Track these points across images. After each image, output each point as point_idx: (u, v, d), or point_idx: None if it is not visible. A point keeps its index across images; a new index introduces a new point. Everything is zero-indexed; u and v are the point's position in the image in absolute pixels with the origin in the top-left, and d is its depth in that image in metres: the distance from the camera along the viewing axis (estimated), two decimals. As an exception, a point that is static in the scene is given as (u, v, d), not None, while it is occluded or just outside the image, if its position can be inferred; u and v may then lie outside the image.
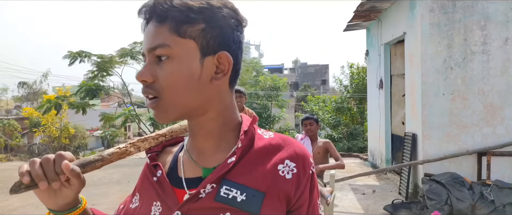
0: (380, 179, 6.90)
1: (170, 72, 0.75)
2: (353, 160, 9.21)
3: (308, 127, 4.36)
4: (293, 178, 0.79)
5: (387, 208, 4.95)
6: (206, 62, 0.77)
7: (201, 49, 0.76)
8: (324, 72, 50.71)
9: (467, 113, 5.13)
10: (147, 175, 0.87)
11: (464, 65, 5.12)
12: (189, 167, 0.84)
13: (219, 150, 0.83)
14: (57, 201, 0.79)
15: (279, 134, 0.87)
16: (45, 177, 0.73)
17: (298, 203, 0.79)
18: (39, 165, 0.74)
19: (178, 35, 0.75)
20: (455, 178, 4.62)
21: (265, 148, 0.82)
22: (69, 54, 14.59)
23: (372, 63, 8.21)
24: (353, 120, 13.97)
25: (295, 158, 0.81)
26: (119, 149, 0.85)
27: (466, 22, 5.10)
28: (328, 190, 3.85)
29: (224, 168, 0.78)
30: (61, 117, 16.44)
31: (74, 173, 0.75)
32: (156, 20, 0.76)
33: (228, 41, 0.78)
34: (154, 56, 0.77)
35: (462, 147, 5.10)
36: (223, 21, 0.77)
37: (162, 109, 0.78)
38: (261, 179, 0.77)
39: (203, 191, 0.77)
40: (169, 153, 0.91)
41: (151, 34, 0.77)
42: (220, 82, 0.79)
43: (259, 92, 16.37)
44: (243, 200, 0.75)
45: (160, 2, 0.76)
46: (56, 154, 0.75)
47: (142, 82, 0.78)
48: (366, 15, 7.26)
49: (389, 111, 7.32)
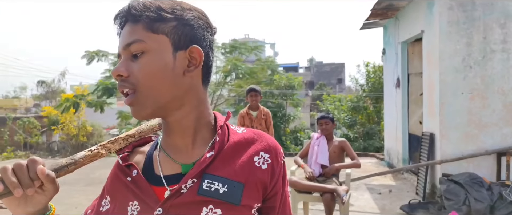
0: (396, 179, 6.83)
1: (145, 64, 0.79)
2: (369, 159, 9.14)
3: (324, 126, 4.35)
4: (268, 168, 0.85)
5: (403, 208, 4.91)
6: (179, 55, 0.81)
7: (173, 43, 0.81)
8: (340, 71, 50.35)
9: (486, 113, 5.04)
10: (118, 176, 0.87)
11: (483, 64, 5.04)
12: (166, 165, 0.85)
13: (195, 146, 0.86)
14: (27, 209, 0.77)
15: (250, 129, 0.92)
16: (19, 184, 0.71)
17: (273, 191, 0.86)
18: (12, 171, 0.71)
19: (151, 31, 0.79)
20: (474, 179, 4.55)
21: (240, 142, 0.87)
22: (87, 53, 14.83)
23: (389, 62, 8.13)
24: (369, 120, 13.84)
25: (268, 150, 0.87)
26: (91, 151, 0.84)
27: (486, 20, 5.01)
28: (344, 189, 3.84)
29: (204, 162, 0.81)
30: (79, 116, 16.69)
31: (50, 178, 0.74)
32: (130, 21, 0.81)
33: (199, 38, 0.83)
34: (129, 53, 0.81)
35: (481, 147, 5.02)
36: (194, 21, 0.83)
37: (140, 103, 0.80)
38: (240, 171, 0.82)
39: (184, 186, 0.79)
40: (140, 153, 0.91)
41: (126, 33, 0.81)
42: (193, 74, 0.83)
43: (274, 91, 16.35)
44: (225, 192, 0.79)
45: (134, 5, 0.81)
46: (29, 159, 0.73)
47: (118, 77, 0.81)
48: (383, 13, 7.19)
49: (406, 110, 7.24)
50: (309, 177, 4.08)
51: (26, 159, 0.74)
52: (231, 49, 16.37)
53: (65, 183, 5.95)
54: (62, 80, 38.65)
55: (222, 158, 0.83)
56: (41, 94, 41.15)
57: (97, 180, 7.10)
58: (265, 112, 5.25)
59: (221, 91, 17.19)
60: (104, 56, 14.83)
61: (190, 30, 0.82)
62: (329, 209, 3.84)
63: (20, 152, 16.55)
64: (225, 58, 16.54)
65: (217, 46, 16.15)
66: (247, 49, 16.48)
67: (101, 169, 7.50)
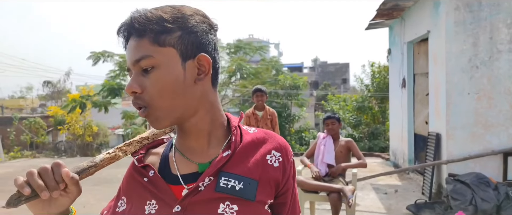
0: (402, 179, 6.84)
1: (156, 79, 0.80)
2: (374, 159, 9.14)
3: (330, 126, 4.36)
4: (280, 166, 0.88)
5: (410, 208, 4.91)
6: (188, 65, 0.82)
7: (181, 54, 0.82)
8: (344, 71, 50.26)
9: (493, 113, 5.04)
10: (134, 177, 0.90)
11: (490, 64, 5.03)
12: (182, 165, 0.88)
13: (210, 146, 0.89)
14: (51, 211, 0.79)
15: (261, 129, 0.96)
16: (46, 187, 0.73)
17: (284, 188, 0.89)
18: (38, 175, 0.74)
19: (158, 45, 0.80)
20: (480, 179, 4.55)
21: (252, 141, 0.90)
22: (93, 54, 14.92)
23: (394, 62, 8.13)
24: (374, 120, 13.83)
25: (279, 149, 0.90)
26: (109, 154, 0.87)
27: (492, 20, 5.01)
28: (350, 189, 3.85)
29: (221, 161, 0.84)
30: (84, 116, 16.79)
31: (74, 180, 0.77)
32: (135, 35, 0.82)
33: (204, 44, 0.84)
34: (139, 68, 0.82)
35: (488, 147, 5.02)
36: (197, 27, 0.83)
37: (154, 117, 0.82)
38: (254, 169, 0.85)
39: (202, 184, 0.82)
40: (154, 154, 0.94)
41: (133, 49, 0.82)
42: (204, 82, 0.85)
43: (279, 91, 16.36)
44: (241, 188, 0.82)
45: (136, 18, 0.81)
46: (53, 163, 0.76)
47: (132, 93, 0.82)
48: (389, 14, 7.19)
49: (412, 110, 7.24)
50: (316, 177, 4.09)
51: (51, 163, 0.76)
52: (236, 49, 16.41)
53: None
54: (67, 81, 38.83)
55: (236, 157, 0.86)
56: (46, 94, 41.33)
57: (103, 180, 7.14)
58: (271, 112, 5.28)
59: (225, 91, 17.23)
60: (109, 56, 14.92)
61: (195, 37, 0.83)
62: (335, 208, 3.86)
63: (26, 152, 16.66)
64: (230, 58, 16.58)
65: (222, 47, 16.21)
66: (252, 49, 16.51)
67: (107, 169, 7.52)
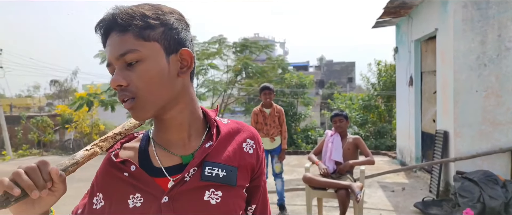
0: (409, 177, 6.84)
1: (143, 72, 0.83)
2: (381, 158, 9.13)
3: (338, 124, 4.38)
4: (254, 153, 0.97)
5: (417, 206, 4.92)
6: (171, 59, 0.87)
7: (165, 49, 0.86)
8: (350, 70, 50.17)
9: (501, 111, 5.03)
10: (111, 173, 0.90)
11: (498, 62, 5.03)
12: (164, 158, 0.91)
13: (191, 138, 0.93)
14: (35, 212, 0.78)
15: (232, 120, 1.02)
16: (35, 186, 0.73)
17: (258, 172, 0.99)
18: (25, 174, 0.73)
19: (143, 39, 0.83)
20: (488, 176, 4.55)
21: (229, 132, 0.97)
22: (100, 53, 14.99)
23: (401, 60, 8.12)
24: (380, 118, 13.80)
25: (252, 137, 0.99)
26: (87, 150, 0.88)
27: (500, 18, 5.00)
28: (358, 185, 3.87)
29: (204, 152, 0.90)
30: (92, 114, 16.90)
31: (62, 178, 0.77)
32: (118, 30, 0.84)
33: (184, 39, 0.89)
34: (123, 62, 0.84)
35: (496, 145, 5.01)
36: (177, 24, 0.88)
37: (140, 107, 0.85)
38: (233, 157, 0.93)
39: (187, 175, 0.87)
40: (129, 149, 0.95)
41: (117, 43, 0.83)
42: (185, 75, 0.89)
43: (285, 90, 16.36)
44: (224, 176, 0.89)
45: (118, 14, 0.84)
46: (39, 161, 0.76)
47: (117, 87, 0.84)
48: (396, 12, 7.18)
49: (419, 108, 7.23)
50: (324, 174, 4.12)
51: (37, 162, 0.76)
52: (242, 48, 16.40)
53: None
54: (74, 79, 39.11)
55: (217, 147, 0.92)
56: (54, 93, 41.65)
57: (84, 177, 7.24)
58: (278, 110, 5.31)
59: (231, 90, 17.25)
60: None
61: (176, 33, 0.87)
62: (343, 205, 3.88)
63: (34, 150, 16.81)
64: (235, 57, 16.59)
65: (228, 45, 16.23)
66: (258, 48, 16.50)
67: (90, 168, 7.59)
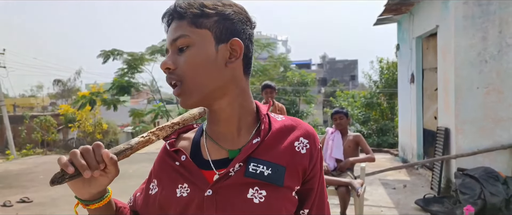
0: (411, 174, 6.83)
1: (189, 57, 0.86)
2: (383, 155, 9.13)
3: (338, 121, 4.39)
4: (307, 153, 0.91)
5: (418, 203, 4.92)
6: (221, 48, 0.87)
7: (216, 37, 0.87)
8: (352, 68, 50.08)
9: (502, 107, 5.01)
10: (166, 161, 0.94)
11: (499, 58, 5.01)
12: (213, 150, 0.92)
13: (240, 133, 0.92)
14: (91, 190, 0.85)
15: (289, 116, 0.99)
16: (88, 167, 0.78)
17: (311, 174, 0.92)
18: (80, 155, 0.79)
19: (195, 26, 0.86)
20: (489, 173, 4.54)
21: (281, 129, 0.93)
22: (103, 53, 15.05)
23: (403, 58, 8.10)
24: (383, 116, 13.77)
25: (307, 136, 0.93)
26: (143, 138, 0.92)
27: (501, 14, 4.98)
28: (358, 182, 3.88)
29: (251, 148, 0.88)
30: (94, 113, 16.96)
31: (113, 161, 0.82)
32: (177, 18, 0.88)
33: (239, 31, 0.89)
34: (175, 48, 0.87)
35: (497, 141, 5.00)
36: (234, 15, 0.89)
37: (187, 92, 0.87)
38: (282, 155, 0.89)
39: (232, 169, 0.86)
40: (185, 139, 0.98)
41: (173, 30, 0.88)
42: (234, 65, 0.89)
43: (287, 88, 16.37)
44: (269, 174, 0.86)
45: (179, 4, 0.88)
46: (94, 144, 0.81)
47: (166, 70, 0.88)
48: (397, 9, 7.16)
49: (421, 105, 7.22)
50: (324, 171, 4.12)
51: (93, 144, 0.81)
52: (244, 46, 16.42)
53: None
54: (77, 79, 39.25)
55: (265, 144, 0.89)
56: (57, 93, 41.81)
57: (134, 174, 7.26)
58: (279, 107, 5.33)
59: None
60: (119, 55, 15.03)
61: (230, 24, 0.88)
62: (344, 202, 3.89)
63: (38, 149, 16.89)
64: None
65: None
66: (260, 46, 16.54)
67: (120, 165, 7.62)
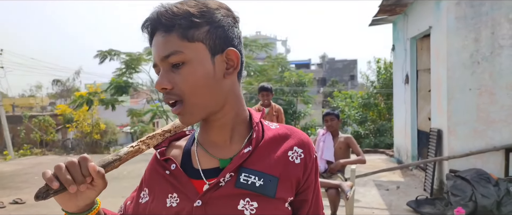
0: (405, 176, 6.83)
1: (187, 75, 0.80)
2: (379, 156, 9.13)
3: (329, 123, 4.38)
4: (301, 163, 0.87)
5: (410, 204, 4.91)
6: (217, 60, 0.83)
7: (210, 49, 0.82)
8: (352, 68, 50.03)
9: (494, 109, 5.01)
10: (156, 169, 0.91)
11: (491, 59, 5.00)
12: (204, 159, 0.88)
13: (232, 142, 0.89)
14: (78, 203, 0.82)
15: (283, 124, 0.95)
16: (73, 181, 0.76)
17: (305, 184, 0.88)
18: (66, 169, 0.76)
19: (187, 40, 0.80)
20: (481, 175, 4.53)
21: (274, 137, 0.89)
22: (100, 53, 15.04)
23: (398, 58, 8.10)
24: (380, 116, 13.77)
25: (302, 145, 0.89)
26: (132, 147, 0.89)
27: (494, 15, 4.97)
28: (348, 184, 3.87)
29: (242, 157, 0.84)
30: (92, 113, 16.95)
31: (100, 174, 0.79)
32: (163, 30, 0.81)
33: (231, 37, 0.84)
34: (168, 64, 0.81)
35: (489, 143, 4.99)
36: (224, 21, 0.83)
37: (188, 112, 0.83)
38: (274, 165, 0.85)
39: (223, 179, 0.83)
40: (176, 147, 0.95)
41: (161, 45, 0.81)
42: (232, 76, 0.85)
43: (284, 88, 16.37)
44: (261, 185, 0.82)
45: (162, 13, 0.81)
46: (80, 157, 0.78)
47: (162, 90, 0.83)
48: (392, 9, 7.16)
49: (415, 106, 7.22)
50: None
51: (78, 157, 0.79)
52: (242, 46, 16.43)
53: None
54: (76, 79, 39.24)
55: (258, 153, 0.86)
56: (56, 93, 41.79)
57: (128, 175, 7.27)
58: (276, 109, 5.32)
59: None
60: (116, 55, 15.03)
61: (222, 31, 0.83)
62: (333, 204, 3.88)
63: (36, 150, 16.88)
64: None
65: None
66: (258, 46, 16.54)
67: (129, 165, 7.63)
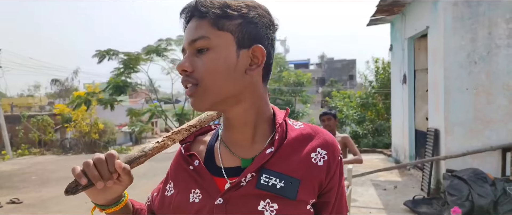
0: (402, 175, 6.84)
1: (209, 60, 0.81)
2: (377, 156, 9.14)
3: (326, 123, 4.38)
4: (324, 165, 0.86)
5: (407, 204, 4.92)
6: (242, 54, 0.83)
7: (237, 42, 0.82)
8: (351, 67, 50.03)
9: (491, 108, 5.02)
10: (181, 164, 0.92)
11: (488, 59, 5.02)
12: (226, 157, 0.89)
13: (254, 141, 0.88)
14: (106, 197, 0.86)
15: (308, 124, 0.94)
16: (101, 177, 0.78)
17: (328, 187, 0.87)
18: (93, 165, 0.79)
19: (217, 28, 0.81)
20: (477, 174, 4.55)
21: (297, 138, 0.88)
22: (98, 52, 15.03)
23: (396, 58, 8.11)
24: (378, 116, 13.79)
25: (325, 146, 0.87)
26: (158, 143, 0.90)
27: (491, 15, 4.99)
28: (345, 184, 3.88)
29: (264, 158, 0.84)
30: (91, 113, 16.93)
31: (126, 170, 0.81)
32: (197, 16, 0.83)
33: (262, 36, 0.84)
34: (194, 49, 0.83)
35: (486, 143, 5.01)
36: (258, 19, 0.84)
37: (200, 95, 0.83)
38: (297, 167, 0.84)
39: (244, 179, 0.83)
40: (201, 142, 0.95)
41: (192, 29, 0.83)
42: (254, 73, 0.84)
43: (283, 88, 16.38)
44: (282, 187, 0.82)
45: (201, 1, 0.82)
46: (107, 154, 0.81)
47: (182, 72, 0.84)
48: (389, 9, 7.18)
49: (412, 106, 7.24)
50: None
51: (105, 154, 0.81)
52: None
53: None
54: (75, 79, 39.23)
55: (280, 154, 0.85)
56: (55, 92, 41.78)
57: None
58: None
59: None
60: (114, 55, 15.01)
61: (254, 28, 0.83)
62: (330, 204, 3.88)
63: (34, 149, 16.87)
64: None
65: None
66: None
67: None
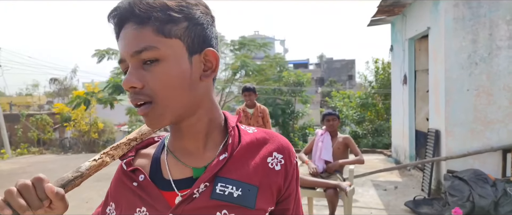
0: (403, 176, 6.85)
1: (161, 73, 0.72)
2: (376, 156, 9.15)
3: (331, 123, 4.40)
4: (282, 169, 0.81)
5: (408, 204, 4.93)
6: (194, 60, 0.75)
7: (188, 48, 0.74)
8: (350, 67, 50.10)
9: (492, 109, 5.04)
10: (123, 182, 0.83)
11: (489, 61, 5.03)
12: (176, 169, 0.81)
13: (206, 149, 0.81)
14: None
15: (261, 128, 0.88)
16: (28, 206, 0.65)
17: (287, 193, 0.83)
18: (18, 193, 0.66)
19: (163, 35, 0.72)
20: (478, 175, 4.56)
21: (252, 142, 0.82)
22: (97, 52, 15.04)
23: (396, 59, 8.12)
24: (378, 116, 13.81)
25: (281, 150, 0.83)
26: (95, 161, 0.80)
27: (492, 16, 5.00)
28: (346, 183, 3.90)
29: (217, 165, 0.77)
30: (90, 112, 16.91)
31: (59, 196, 0.68)
32: (135, 22, 0.72)
33: (210, 37, 0.78)
34: (139, 61, 0.72)
35: (487, 144, 5.02)
36: (203, 18, 0.76)
37: (158, 114, 0.74)
38: (253, 173, 0.78)
39: (196, 191, 0.76)
40: (144, 156, 0.86)
41: (132, 38, 0.72)
42: (209, 79, 0.78)
43: (283, 88, 16.39)
44: (239, 195, 0.75)
45: (136, 3, 0.72)
46: (34, 178, 0.68)
47: (130, 88, 0.73)
48: (390, 10, 7.18)
49: (413, 107, 7.25)
50: (313, 173, 4.14)
51: (32, 179, 0.68)
52: (240, 46, 16.46)
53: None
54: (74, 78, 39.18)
55: (234, 160, 0.79)
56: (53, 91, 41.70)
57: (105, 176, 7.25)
58: (261, 110, 5.32)
59: (230, 88, 17.30)
60: (114, 54, 15.03)
61: (201, 30, 0.76)
62: (332, 204, 3.90)
63: (33, 148, 16.84)
64: (233, 55, 16.63)
65: (226, 43, 16.26)
66: (256, 46, 16.56)
67: (111, 166, 7.63)
